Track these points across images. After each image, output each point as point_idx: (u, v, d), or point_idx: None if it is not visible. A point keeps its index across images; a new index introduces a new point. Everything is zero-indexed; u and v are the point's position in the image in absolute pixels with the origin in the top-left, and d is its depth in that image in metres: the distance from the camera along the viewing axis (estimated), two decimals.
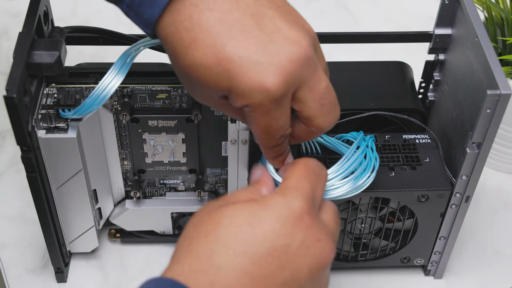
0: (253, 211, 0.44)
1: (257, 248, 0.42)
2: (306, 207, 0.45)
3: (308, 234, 0.44)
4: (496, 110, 0.54)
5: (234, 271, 0.41)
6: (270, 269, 0.42)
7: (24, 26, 0.56)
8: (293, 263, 0.43)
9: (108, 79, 0.56)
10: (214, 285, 0.41)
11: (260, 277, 0.41)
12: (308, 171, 0.48)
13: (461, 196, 0.62)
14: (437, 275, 0.71)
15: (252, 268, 0.41)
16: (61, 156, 0.60)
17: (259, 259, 0.42)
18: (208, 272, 0.41)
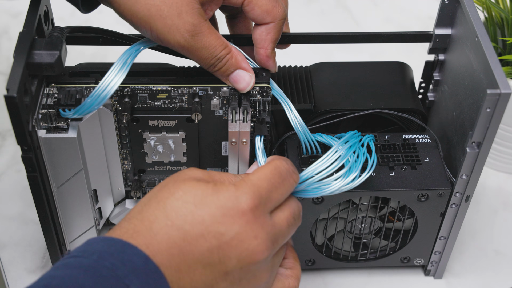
0: (204, 193, 0.47)
1: (192, 227, 0.45)
2: (252, 205, 0.47)
3: (246, 229, 0.46)
4: (496, 109, 0.55)
5: (167, 241, 0.45)
6: (200, 249, 0.45)
7: (25, 26, 0.56)
8: (223, 250, 0.45)
9: (108, 79, 0.56)
10: (149, 248, 0.44)
11: (188, 253, 0.45)
12: (274, 173, 0.50)
13: (461, 196, 0.62)
14: (437, 275, 0.71)
15: (182, 243, 0.45)
16: (61, 156, 0.60)
17: (191, 238, 0.45)
18: (145, 235, 0.45)
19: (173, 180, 0.49)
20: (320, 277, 0.71)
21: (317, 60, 0.73)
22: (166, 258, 0.45)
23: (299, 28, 0.73)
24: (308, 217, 0.63)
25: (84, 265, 0.42)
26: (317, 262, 0.68)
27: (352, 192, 0.61)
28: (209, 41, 0.54)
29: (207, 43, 0.54)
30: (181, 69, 0.62)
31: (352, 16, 1.01)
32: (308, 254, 0.67)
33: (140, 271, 0.43)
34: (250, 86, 0.58)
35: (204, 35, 0.54)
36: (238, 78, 0.58)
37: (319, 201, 0.62)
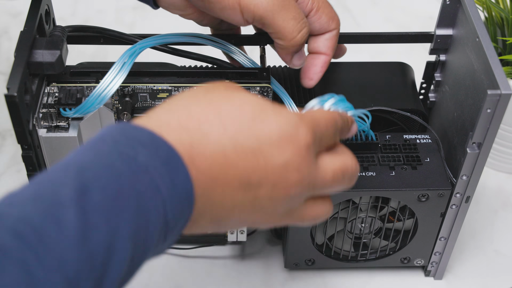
0: (264, 108, 0.43)
1: (246, 140, 0.42)
2: (310, 139, 0.44)
3: (294, 160, 0.43)
4: (497, 110, 0.55)
5: (215, 145, 0.41)
6: (245, 164, 0.42)
7: (26, 25, 0.56)
8: (266, 173, 0.42)
9: (109, 78, 0.56)
10: (193, 148, 0.40)
11: (232, 165, 0.41)
12: (333, 124, 0.47)
13: (461, 197, 0.62)
14: (437, 276, 0.71)
15: (230, 153, 0.41)
16: (62, 155, 0.60)
17: (241, 150, 0.41)
18: (193, 134, 0.41)
19: (222, 84, 0.45)
20: (320, 277, 0.71)
21: None
22: (208, 163, 0.41)
23: None
24: None
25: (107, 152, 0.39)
26: (317, 262, 0.68)
27: (352, 191, 0.61)
28: (295, 7, 0.54)
29: (293, 9, 0.54)
30: (181, 69, 0.62)
31: (352, 16, 1.01)
32: (308, 254, 0.67)
33: (171, 168, 0.39)
34: (302, 65, 0.60)
35: (289, 1, 0.54)
36: (302, 54, 0.59)
37: None
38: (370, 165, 0.63)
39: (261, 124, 0.42)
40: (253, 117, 0.42)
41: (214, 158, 0.41)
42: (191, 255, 0.72)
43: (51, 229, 0.34)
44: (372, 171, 0.62)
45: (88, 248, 0.34)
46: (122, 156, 0.38)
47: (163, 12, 1.01)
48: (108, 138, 0.39)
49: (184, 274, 0.71)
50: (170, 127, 0.41)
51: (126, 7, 1.00)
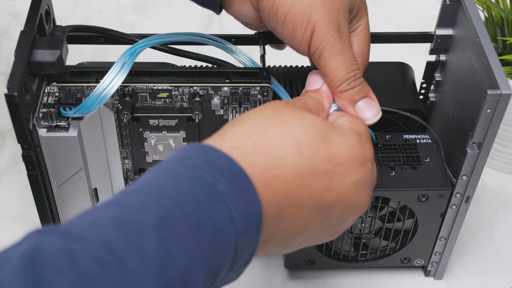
0: (331, 132, 0.44)
1: (320, 162, 0.42)
2: (373, 154, 0.46)
3: (363, 178, 0.44)
4: (497, 110, 0.55)
5: (291, 168, 0.41)
6: (320, 187, 0.42)
7: (26, 24, 0.56)
8: (339, 194, 0.43)
9: (109, 78, 0.56)
10: (268, 172, 0.40)
11: (307, 187, 0.42)
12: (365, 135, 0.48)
13: (461, 197, 0.62)
14: (437, 276, 0.71)
15: (306, 175, 0.42)
16: (62, 155, 0.60)
17: (317, 172, 0.42)
18: (268, 157, 0.41)
19: (285, 105, 0.45)
20: (320, 277, 0.71)
21: None
22: (284, 187, 0.41)
23: None
24: None
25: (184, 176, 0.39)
26: (317, 262, 0.68)
27: None
28: (351, 52, 0.50)
29: (350, 52, 0.49)
30: (182, 69, 0.62)
31: None
32: (308, 254, 0.67)
33: (247, 199, 0.39)
34: (377, 119, 0.52)
35: (348, 43, 0.50)
36: (366, 106, 0.52)
37: None
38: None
39: (332, 146, 0.43)
40: (324, 138, 0.43)
41: (290, 181, 0.41)
42: None
43: (132, 258, 0.33)
44: None
45: (166, 279, 0.34)
46: (203, 184, 0.38)
47: (163, 12, 1.02)
48: (188, 161, 0.39)
49: None
50: (246, 151, 0.41)
51: (126, 7, 1.00)
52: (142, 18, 0.98)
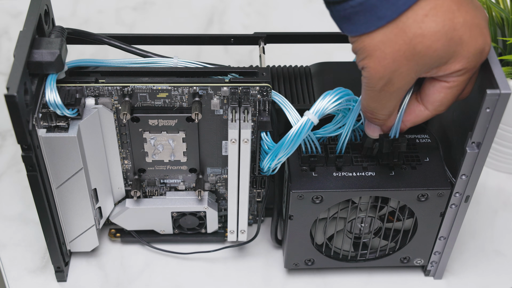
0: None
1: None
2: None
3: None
4: (496, 109, 0.55)
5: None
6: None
7: (25, 25, 0.56)
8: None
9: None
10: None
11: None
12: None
13: (460, 196, 0.62)
14: (437, 276, 0.71)
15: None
16: (61, 155, 0.60)
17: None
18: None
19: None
20: (320, 277, 0.71)
21: (317, 60, 0.73)
22: None
23: (299, 28, 0.73)
24: (307, 217, 0.63)
25: None
26: (317, 262, 0.68)
27: (352, 191, 0.61)
28: (385, 103, 0.54)
29: (383, 103, 0.54)
30: (181, 69, 0.62)
31: None
32: (308, 254, 0.67)
33: None
34: (374, 137, 0.59)
35: (389, 98, 0.53)
36: (372, 126, 0.59)
37: (319, 200, 0.62)
38: (370, 165, 0.63)
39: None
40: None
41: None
42: (191, 255, 0.72)
43: None
44: (371, 171, 0.62)
45: None
46: None
47: (163, 12, 1.02)
48: None
49: (184, 274, 0.71)
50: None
51: (126, 7, 1.00)
52: (142, 18, 0.98)
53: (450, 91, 0.53)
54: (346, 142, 0.62)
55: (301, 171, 0.62)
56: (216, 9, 1.00)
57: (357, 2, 0.48)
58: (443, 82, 0.53)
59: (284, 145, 0.59)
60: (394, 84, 0.51)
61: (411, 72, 0.51)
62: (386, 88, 0.52)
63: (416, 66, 0.50)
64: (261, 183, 0.69)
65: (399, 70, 0.50)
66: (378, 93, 0.53)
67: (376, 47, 0.50)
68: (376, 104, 0.54)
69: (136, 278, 0.71)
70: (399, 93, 0.52)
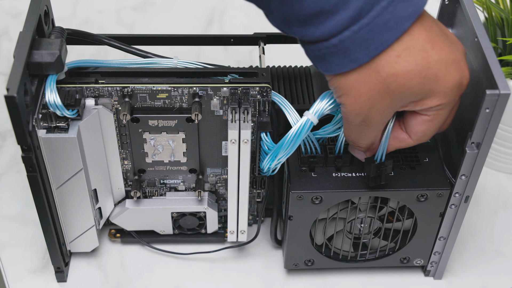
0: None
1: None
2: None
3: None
4: (495, 110, 0.55)
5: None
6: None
7: (25, 25, 0.56)
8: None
9: None
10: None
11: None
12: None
13: (460, 196, 0.62)
14: (437, 276, 0.71)
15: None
16: (61, 156, 0.60)
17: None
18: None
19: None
20: (320, 277, 0.71)
21: None
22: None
23: None
24: (307, 217, 0.63)
25: None
26: (317, 262, 0.68)
27: (351, 192, 0.61)
28: (365, 135, 0.55)
29: (363, 135, 0.55)
30: (181, 69, 0.62)
31: None
32: (308, 254, 0.67)
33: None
34: (361, 159, 0.60)
35: (368, 131, 0.54)
36: (356, 151, 0.60)
37: (318, 201, 0.62)
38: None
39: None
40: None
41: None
42: (191, 255, 0.72)
43: None
44: None
45: None
46: None
47: (163, 12, 1.02)
48: None
49: (184, 274, 0.71)
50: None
51: (126, 7, 1.00)
52: (142, 18, 0.98)
53: (432, 123, 0.54)
54: (345, 142, 0.62)
55: (301, 172, 0.62)
56: (216, 9, 1.00)
57: (331, 43, 0.48)
58: (424, 116, 0.53)
59: (284, 145, 0.59)
60: (371, 120, 0.52)
61: (387, 108, 0.51)
62: (364, 123, 0.53)
63: (392, 102, 0.51)
64: (261, 184, 0.69)
65: (375, 107, 0.51)
66: (357, 127, 0.54)
67: (351, 86, 0.50)
68: (356, 136, 0.55)
69: (136, 278, 0.71)
70: (377, 126, 0.53)
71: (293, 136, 0.58)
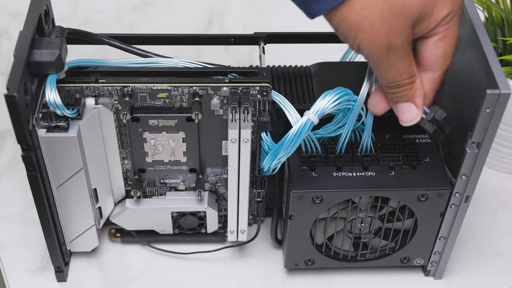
0: None
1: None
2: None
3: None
4: (496, 109, 0.55)
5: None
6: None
7: (25, 25, 0.56)
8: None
9: None
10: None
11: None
12: None
13: (460, 196, 0.62)
14: (437, 276, 0.71)
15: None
16: (61, 155, 0.60)
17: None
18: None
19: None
20: (320, 277, 0.71)
21: (317, 60, 0.73)
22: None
23: (299, 28, 0.73)
24: (307, 217, 0.63)
25: None
26: (317, 262, 0.68)
27: (352, 191, 0.61)
28: (400, 66, 0.53)
29: (397, 67, 0.53)
30: (181, 69, 0.62)
31: None
32: (308, 254, 0.67)
33: None
34: (413, 123, 0.57)
35: (399, 59, 0.52)
36: (405, 109, 0.56)
37: (319, 200, 0.62)
38: (370, 165, 0.63)
39: None
40: None
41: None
42: (191, 255, 0.72)
43: None
44: (371, 171, 0.62)
45: None
46: None
47: (163, 12, 1.02)
48: None
49: (184, 274, 0.71)
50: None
51: (126, 7, 1.00)
52: (142, 18, 0.98)
53: (446, 41, 0.53)
54: (346, 142, 0.62)
55: (301, 171, 0.62)
56: (216, 9, 1.00)
57: None
58: (435, 36, 0.53)
59: (284, 145, 0.59)
60: (395, 44, 0.51)
61: (405, 27, 0.50)
62: (391, 52, 0.51)
63: (406, 19, 0.50)
64: (261, 183, 0.69)
65: (392, 30, 0.50)
66: (387, 60, 0.52)
67: (361, 17, 0.49)
68: (392, 71, 0.53)
69: (136, 278, 0.71)
70: (405, 50, 0.52)
71: (293, 135, 0.58)
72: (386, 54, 0.51)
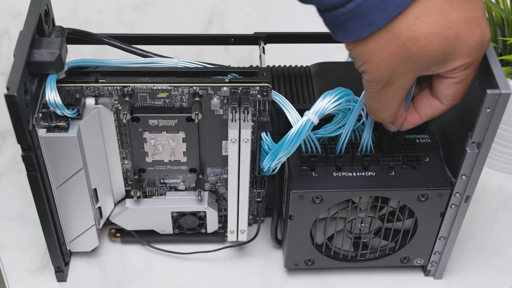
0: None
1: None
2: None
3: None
4: (496, 109, 0.55)
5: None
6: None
7: (25, 24, 0.56)
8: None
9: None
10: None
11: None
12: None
13: (461, 196, 0.62)
14: (437, 276, 0.71)
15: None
16: (61, 155, 0.60)
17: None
18: None
19: None
20: (320, 277, 0.71)
21: (317, 60, 0.73)
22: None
23: (300, 28, 0.73)
24: (307, 217, 0.63)
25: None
26: (317, 262, 0.68)
27: (352, 191, 0.61)
28: (387, 104, 0.54)
29: (385, 103, 0.54)
30: (181, 69, 0.62)
31: None
32: (308, 253, 0.67)
33: None
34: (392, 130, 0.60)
35: (390, 97, 0.53)
36: (387, 125, 0.59)
37: (319, 200, 0.62)
38: (370, 165, 0.63)
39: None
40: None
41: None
42: (191, 255, 0.72)
43: None
44: (371, 171, 0.62)
45: None
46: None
47: (163, 12, 1.02)
48: None
49: (184, 274, 0.71)
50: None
51: (126, 7, 1.00)
52: (142, 18, 0.98)
53: (460, 85, 0.53)
54: (346, 142, 0.62)
55: (301, 171, 0.62)
56: (216, 9, 1.00)
57: (348, 9, 0.48)
58: (450, 79, 0.53)
59: (284, 145, 0.59)
60: (393, 85, 0.52)
61: (408, 72, 0.51)
62: (386, 89, 0.52)
63: (413, 66, 0.50)
64: (261, 183, 0.69)
65: (396, 72, 0.50)
66: (379, 94, 0.53)
67: (371, 53, 0.50)
68: (378, 104, 0.54)
69: (136, 278, 0.70)
70: (399, 92, 0.53)
71: (293, 135, 0.58)
72: (381, 87, 0.52)
